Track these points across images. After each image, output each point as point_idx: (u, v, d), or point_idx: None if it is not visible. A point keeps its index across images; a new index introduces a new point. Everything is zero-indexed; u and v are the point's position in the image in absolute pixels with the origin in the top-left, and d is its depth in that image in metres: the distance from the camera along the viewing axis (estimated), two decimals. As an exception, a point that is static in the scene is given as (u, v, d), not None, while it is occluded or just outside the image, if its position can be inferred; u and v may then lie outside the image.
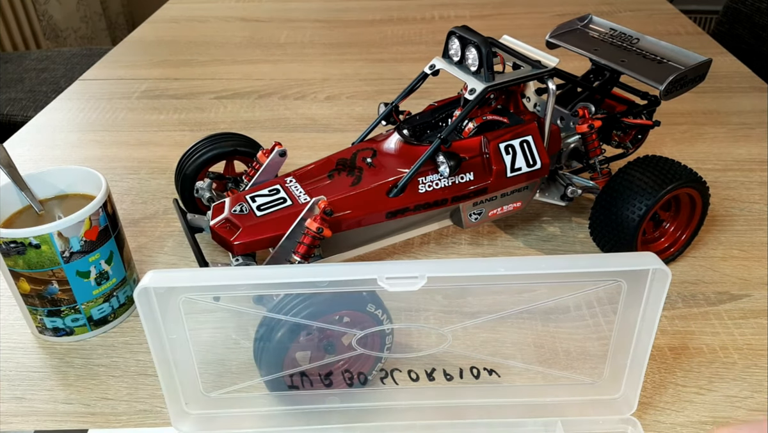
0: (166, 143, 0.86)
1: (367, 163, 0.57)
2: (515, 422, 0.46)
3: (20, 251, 0.49)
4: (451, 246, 0.65)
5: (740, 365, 0.51)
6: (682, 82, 0.60)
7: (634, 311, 0.42)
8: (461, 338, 0.45)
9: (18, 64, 1.71)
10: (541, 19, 1.26)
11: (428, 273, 0.39)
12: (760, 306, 0.57)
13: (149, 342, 0.41)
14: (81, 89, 1.02)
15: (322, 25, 1.26)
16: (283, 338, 0.43)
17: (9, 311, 0.58)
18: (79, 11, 2.63)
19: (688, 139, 0.84)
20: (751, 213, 0.69)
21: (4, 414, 0.49)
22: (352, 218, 0.54)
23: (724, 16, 1.41)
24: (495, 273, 0.39)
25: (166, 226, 0.69)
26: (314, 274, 0.40)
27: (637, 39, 0.66)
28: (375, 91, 0.99)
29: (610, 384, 0.46)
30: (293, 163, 0.68)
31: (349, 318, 0.44)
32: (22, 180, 0.55)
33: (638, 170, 0.57)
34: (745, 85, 0.98)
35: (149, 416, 0.49)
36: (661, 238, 0.62)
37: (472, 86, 0.56)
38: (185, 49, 1.16)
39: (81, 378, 0.52)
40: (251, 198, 0.54)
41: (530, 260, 0.43)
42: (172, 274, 0.39)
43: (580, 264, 0.40)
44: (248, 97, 0.98)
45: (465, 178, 0.57)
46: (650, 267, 0.39)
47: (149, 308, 0.39)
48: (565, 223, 0.68)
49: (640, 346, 0.43)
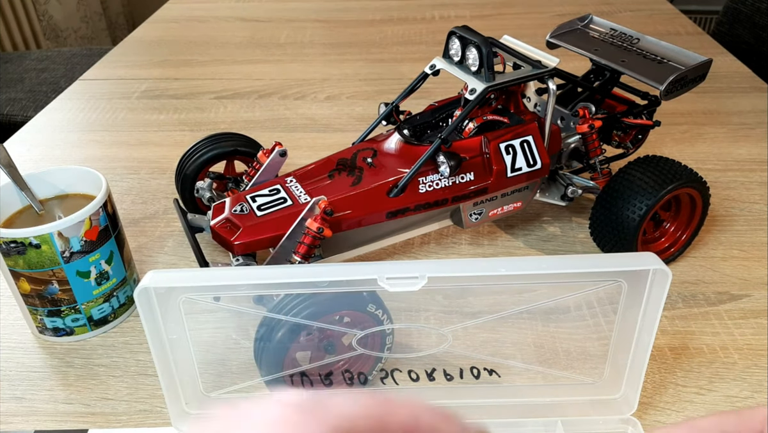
0: (166, 143, 0.86)
1: (368, 163, 0.57)
2: (515, 422, 0.46)
3: (20, 251, 0.49)
4: (451, 246, 0.65)
5: (740, 365, 0.51)
6: (682, 82, 0.60)
7: (635, 311, 0.42)
8: (461, 338, 0.45)
9: (18, 64, 1.71)
10: (541, 19, 1.26)
11: (428, 273, 0.39)
12: (760, 306, 0.57)
13: (149, 342, 0.41)
14: (81, 89, 1.02)
15: (322, 25, 1.26)
16: (283, 338, 0.43)
17: (9, 311, 0.58)
18: (79, 11, 2.63)
19: (688, 139, 0.84)
20: (751, 213, 0.69)
21: (4, 414, 0.49)
22: (353, 218, 0.54)
23: (724, 16, 1.41)
24: (495, 273, 0.39)
25: (166, 226, 0.69)
26: (314, 274, 0.40)
27: (637, 39, 0.66)
28: (375, 91, 0.99)
29: (610, 384, 0.46)
30: (293, 163, 0.68)
31: (350, 318, 0.44)
32: (22, 180, 0.55)
33: (638, 170, 0.57)
34: (745, 85, 0.98)
35: (149, 416, 0.49)
36: (661, 238, 0.62)
37: (472, 86, 0.56)
38: (185, 49, 1.16)
39: (81, 378, 0.52)
40: (251, 198, 0.54)
41: (531, 260, 0.43)
42: (172, 274, 0.39)
43: (581, 264, 0.40)
44: (248, 97, 0.98)
45: (465, 178, 0.57)
46: (650, 267, 0.39)
47: (149, 308, 0.39)
48: (565, 223, 0.68)
49: (640, 346, 0.43)
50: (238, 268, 0.46)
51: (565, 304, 0.50)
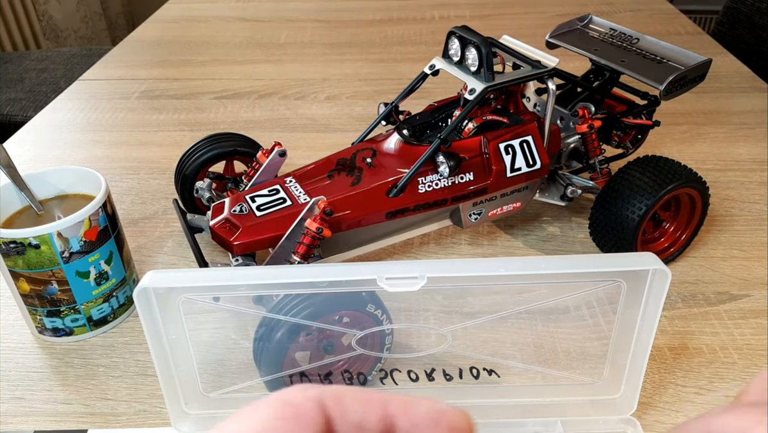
0: (166, 143, 0.86)
1: (367, 163, 0.57)
2: (515, 422, 0.46)
3: (20, 251, 0.49)
4: (450, 246, 0.65)
5: (740, 365, 0.51)
6: (682, 82, 0.60)
7: (634, 311, 0.42)
8: (461, 338, 0.45)
9: (18, 64, 1.71)
10: (541, 19, 1.26)
11: (428, 273, 0.39)
12: (760, 306, 0.57)
13: (149, 342, 0.40)
14: (81, 89, 1.02)
15: (322, 25, 1.26)
16: (282, 338, 0.43)
17: (9, 311, 0.58)
18: (79, 11, 2.63)
19: (688, 139, 0.84)
20: (751, 213, 0.69)
21: (4, 414, 0.49)
22: (352, 218, 0.54)
23: (724, 16, 1.41)
24: (495, 273, 0.39)
25: (165, 226, 0.69)
26: (314, 274, 0.40)
27: (637, 39, 0.66)
28: (375, 91, 0.99)
29: (609, 384, 0.46)
30: (293, 163, 0.68)
31: (349, 318, 0.44)
32: (22, 180, 0.55)
33: (638, 170, 0.57)
34: (745, 85, 0.98)
35: (149, 416, 0.49)
36: (661, 238, 0.62)
37: (472, 86, 0.56)
38: (185, 49, 1.16)
39: (80, 378, 0.52)
40: (251, 198, 0.54)
41: (530, 260, 0.43)
42: (171, 274, 0.39)
43: (580, 264, 0.40)
44: (248, 97, 0.98)
45: (465, 179, 0.57)
46: (650, 267, 0.39)
47: (149, 309, 0.39)
48: (565, 223, 0.68)
49: (639, 346, 0.43)
50: (238, 268, 0.46)
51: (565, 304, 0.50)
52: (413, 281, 0.39)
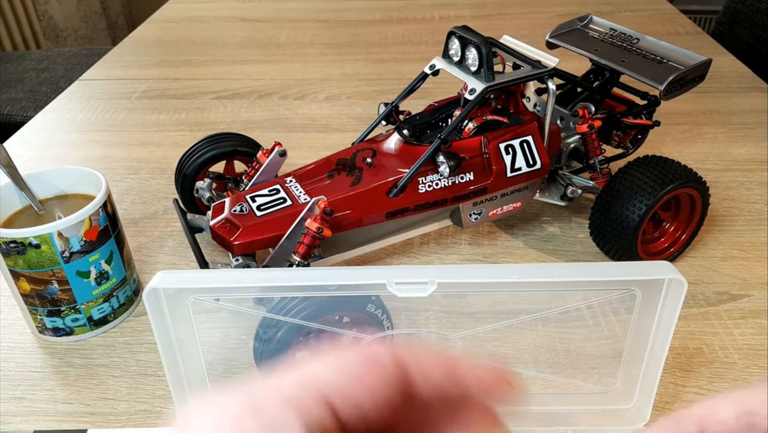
0: (166, 143, 0.86)
1: (367, 163, 0.57)
2: (526, 431, 0.45)
3: (20, 251, 0.49)
4: (451, 246, 0.65)
5: (740, 365, 0.51)
6: (682, 82, 0.60)
7: (649, 321, 0.41)
8: (470, 344, 0.44)
9: (18, 64, 1.71)
10: (541, 19, 1.26)
11: (439, 279, 0.38)
12: (760, 306, 0.57)
13: (158, 343, 0.40)
14: (81, 89, 1.02)
15: (322, 25, 1.26)
16: (283, 338, 0.43)
17: (9, 311, 0.58)
18: (79, 11, 2.63)
19: (688, 139, 0.84)
20: (751, 213, 0.69)
21: (4, 414, 0.49)
22: (352, 218, 0.54)
23: (724, 16, 1.41)
24: (507, 280, 0.38)
25: (166, 226, 0.69)
26: (324, 278, 0.39)
27: (637, 39, 0.66)
28: (375, 91, 0.99)
29: (622, 394, 0.45)
30: (293, 163, 0.68)
31: (349, 318, 0.44)
32: (22, 180, 0.55)
33: (638, 170, 0.57)
34: (745, 85, 0.98)
35: (149, 416, 0.49)
36: (661, 238, 0.62)
37: (472, 86, 0.56)
38: (185, 49, 1.16)
39: (81, 378, 0.52)
40: (251, 198, 0.54)
41: (543, 267, 0.42)
42: (181, 275, 0.39)
43: (594, 272, 0.39)
44: (248, 97, 0.98)
45: (465, 178, 0.57)
46: (665, 277, 0.38)
47: (158, 309, 0.39)
48: (565, 223, 0.68)
49: (654, 356, 0.42)
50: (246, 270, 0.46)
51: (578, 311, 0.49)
52: (423, 287, 0.38)
